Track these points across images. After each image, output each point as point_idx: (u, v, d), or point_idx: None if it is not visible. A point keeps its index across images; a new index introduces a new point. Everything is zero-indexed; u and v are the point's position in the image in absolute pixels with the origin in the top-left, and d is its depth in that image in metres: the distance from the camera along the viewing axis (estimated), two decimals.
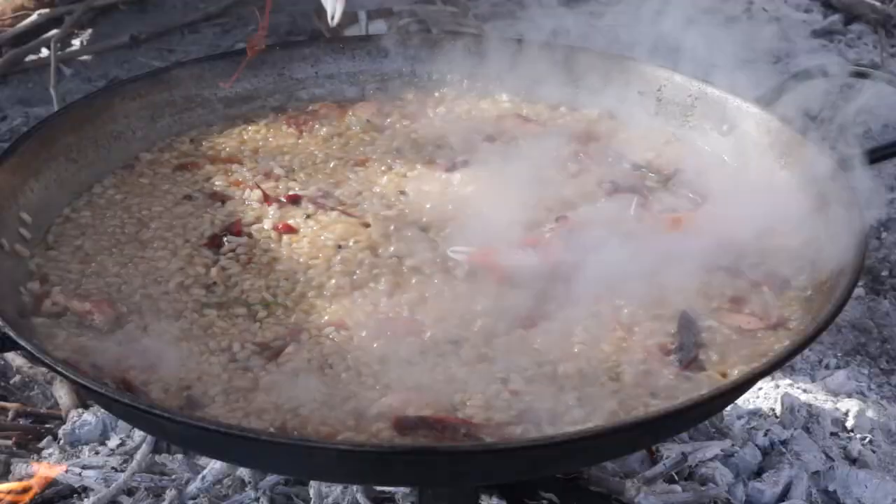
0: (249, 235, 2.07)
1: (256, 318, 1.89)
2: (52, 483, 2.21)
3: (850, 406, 2.40)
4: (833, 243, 1.91)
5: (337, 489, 2.11)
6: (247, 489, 2.16)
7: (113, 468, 2.23)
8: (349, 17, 3.79)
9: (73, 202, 2.16)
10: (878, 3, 4.05)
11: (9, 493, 2.19)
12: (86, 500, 2.17)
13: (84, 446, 2.30)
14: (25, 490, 2.19)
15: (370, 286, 1.94)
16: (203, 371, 1.79)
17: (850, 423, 2.38)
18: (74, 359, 1.79)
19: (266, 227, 2.09)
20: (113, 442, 2.30)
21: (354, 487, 2.10)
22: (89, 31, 4.04)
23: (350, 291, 1.93)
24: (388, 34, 2.62)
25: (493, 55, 2.46)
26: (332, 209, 2.12)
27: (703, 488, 2.19)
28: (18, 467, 2.23)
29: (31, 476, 2.21)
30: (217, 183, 2.23)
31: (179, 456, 2.24)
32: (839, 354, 2.65)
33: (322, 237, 2.05)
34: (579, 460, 1.83)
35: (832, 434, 2.35)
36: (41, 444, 2.33)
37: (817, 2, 4.16)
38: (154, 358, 1.80)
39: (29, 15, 3.92)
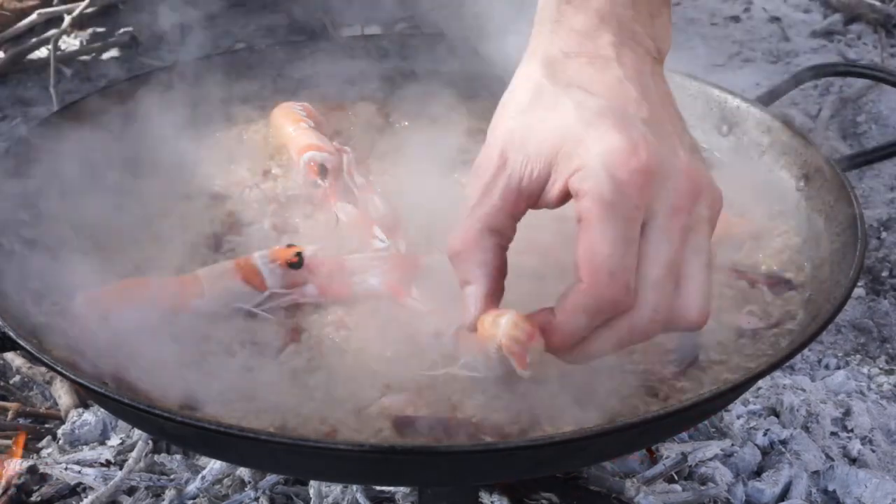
0: (249, 235, 2.07)
1: (256, 317, 1.89)
2: (51, 481, 2.21)
3: (850, 406, 2.40)
4: (833, 243, 1.91)
5: (337, 489, 2.11)
6: (246, 489, 2.16)
7: (108, 461, 2.23)
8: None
9: None
10: (878, 3, 4.05)
11: None
12: (85, 499, 2.17)
13: (84, 446, 2.30)
14: None
15: None
16: (203, 370, 1.79)
17: (849, 423, 2.38)
18: (74, 359, 1.79)
19: (266, 226, 2.09)
20: (113, 441, 2.29)
21: (354, 487, 2.10)
22: (89, 31, 4.04)
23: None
24: (387, 34, 2.62)
25: (491, 56, 2.46)
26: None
27: (702, 488, 2.19)
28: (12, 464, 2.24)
29: None
30: (217, 182, 2.22)
31: (179, 456, 2.24)
32: (839, 354, 2.65)
33: (321, 236, 2.05)
34: (579, 460, 1.83)
35: (832, 434, 2.34)
36: (41, 444, 2.33)
37: (817, 1, 4.16)
38: (154, 357, 1.80)
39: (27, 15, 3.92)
